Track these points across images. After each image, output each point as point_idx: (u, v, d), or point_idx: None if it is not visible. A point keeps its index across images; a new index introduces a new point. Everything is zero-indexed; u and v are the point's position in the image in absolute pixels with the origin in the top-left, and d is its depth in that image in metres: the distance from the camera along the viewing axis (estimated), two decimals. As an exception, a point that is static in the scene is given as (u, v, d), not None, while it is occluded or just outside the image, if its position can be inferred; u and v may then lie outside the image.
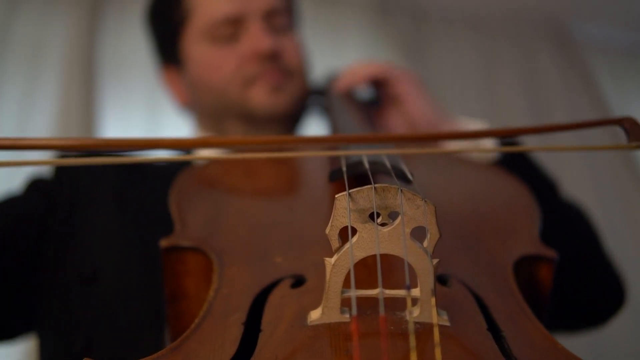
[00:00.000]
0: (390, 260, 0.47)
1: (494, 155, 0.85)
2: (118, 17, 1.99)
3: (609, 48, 2.63)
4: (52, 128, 1.79)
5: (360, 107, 0.94)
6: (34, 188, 0.87)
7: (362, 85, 0.95)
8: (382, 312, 0.39)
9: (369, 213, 0.43)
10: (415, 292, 0.44)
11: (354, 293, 0.41)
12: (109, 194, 0.85)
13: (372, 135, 0.56)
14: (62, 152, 0.87)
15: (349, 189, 0.43)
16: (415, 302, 0.44)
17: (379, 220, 0.44)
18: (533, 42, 2.49)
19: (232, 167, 0.73)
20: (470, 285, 0.52)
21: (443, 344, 0.40)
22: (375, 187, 0.43)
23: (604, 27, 2.59)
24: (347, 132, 0.79)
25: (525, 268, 0.59)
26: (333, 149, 0.64)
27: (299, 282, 0.51)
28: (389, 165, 0.57)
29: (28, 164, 0.46)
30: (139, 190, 0.85)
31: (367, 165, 0.56)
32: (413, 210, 0.43)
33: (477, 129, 0.63)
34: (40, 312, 0.81)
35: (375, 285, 0.42)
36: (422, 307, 0.44)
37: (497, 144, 0.86)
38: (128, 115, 1.96)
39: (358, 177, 0.56)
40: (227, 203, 0.67)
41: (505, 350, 0.44)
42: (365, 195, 0.43)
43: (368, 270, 0.46)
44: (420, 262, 0.43)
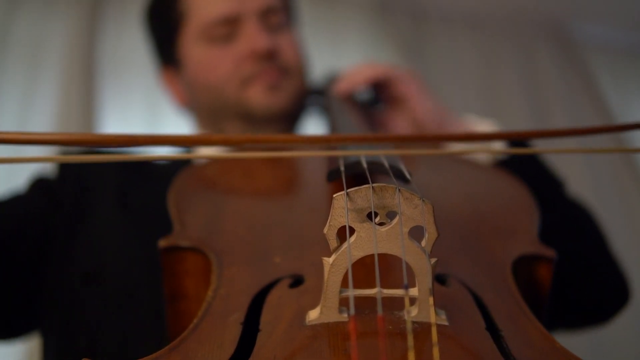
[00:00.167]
0: (389, 260, 0.47)
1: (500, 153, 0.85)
2: (118, 17, 2.00)
3: (609, 48, 2.63)
4: (52, 128, 1.80)
5: (360, 108, 0.94)
6: (38, 187, 0.87)
7: (362, 88, 0.95)
8: (380, 311, 0.39)
9: (367, 213, 0.43)
10: (414, 291, 0.44)
11: (352, 293, 0.41)
12: (112, 193, 0.85)
13: (371, 136, 0.56)
14: (64, 148, 0.87)
15: (347, 189, 0.43)
16: (414, 301, 0.44)
17: (377, 220, 0.43)
18: (533, 42, 2.49)
19: (231, 167, 0.73)
20: (469, 285, 0.52)
21: (441, 344, 0.40)
22: (373, 186, 0.43)
23: (604, 27, 2.59)
24: (346, 132, 0.79)
25: (525, 268, 0.59)
26: (332, 149, 0.64)
27: (298, 282, 0.51)
28: (387, 165, 0.57)
29: (30, 161, 0.46)
30: (142, 190, 0.85)
31: (365, 165, 0.56)
32: (411, 210, 0.43)
33: (484, 131, 0.62)
34: (44, 310, 0.81)
35: (374, 285, 0.42)
36: (420, 306, 0.44)
37: (503, 145, 0.85)
38: (128, 115, 1.96)
39: (356, 176, 0.56)
40: (225, 203, 0.67)
41: (504, 350, 0.44)
42: (363, 195, 0.43)
43: (366, 270, 0.46)
44: (418, 261, 0.43)
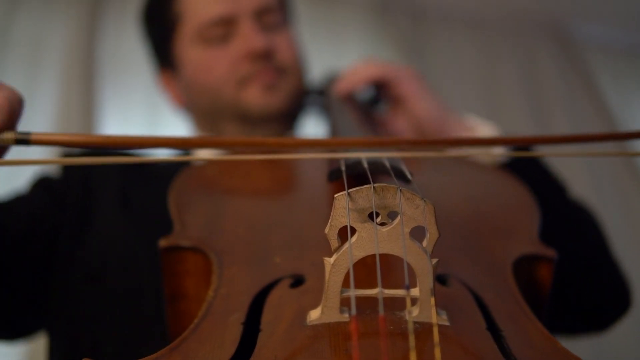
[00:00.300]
0: (390, 260, 0.47)
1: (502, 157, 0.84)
2: (118, 17, 1.99)
3: (609, 48, 2.63)
4: (52, 128, 1.79)
5: (361, 108, 0.94)
6: (41, 186, 0.87)
7: (362, 87, 0.95)
8: (381, 311, 0.39)
9: (368, 213, 0.43)
10: (415, 291, 0.44)
11: (353, 293, 0.41)
12: (114, 193, 0.85)
13: (373, 140, 0.56)
14: (66, 150, 0.87)
15: (348, 189, 0.43)
16: (415, 301, 0.44)
17: (378, 220, 0.43)
18: (533, 42, 2.49)
19: (231, 167, 0.73)
20: (470, 285, 0.52)
21: (442, 344, 0.40)
22: (375, 186, 0.43)
23: (604, 27, 2.59)
24: (346, 132, 0.79)
25: (525, 268, 0.59)
26: (332, 152, 0.64)
27: (298, 282, 0.51)
28: (388, 165, 0.57)
29: (32, 163, 0.46)
30: (144, 190, 0.85)
31: (366, 165, 0.56)
32: (412, 210, 0.43)
33: (487, 137, 0.62)
34: (50, 310, 0.81)
35: (375, 285, 0.42)
36: (421, 306, 0.44)
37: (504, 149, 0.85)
38: (128, 115, 1.96)
39: (357, 176, 0.56)
40: (226, 203, 0.67)
41: (505, 350, 0.44)
42: (365, 195, 0.43)
43: (367, 270, 0.46)
44: (420, 261, 0.43)
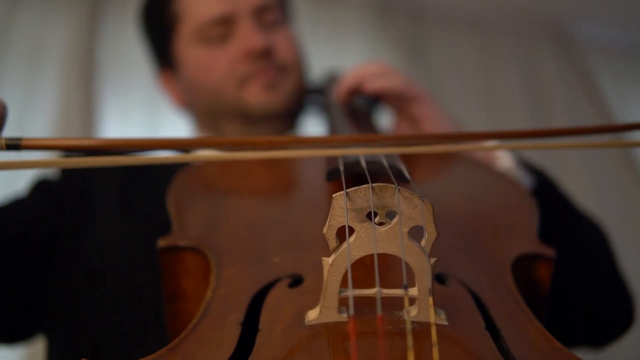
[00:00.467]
0: (388, 260, 0.47)
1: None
2: (118, 17, 1.99)
3: (609, 48, 2.63)
4: (51, 128, 1.79)
5: (359, 116, 0.92)
6: (40, 189, 0.87)
7: (365, 95, 0.92)
8: (379, 311, 0.39)
9: (367, 212, 0.43)
10: (413, 291, 0.44)
11: (352, 293, 0.41)
12: (114, 194, 0.85)
13: (370, 136, 0.56)
14: (65, 152, 0.87)
15: (347, 189, 0.43)
16: (413, 301, 0.44)
17: (377, 220, 0.43)
18: (533, 42, 2.49)
19: (229, 167, 0.73)
20: (469, 285, 0.52)
21: (441, 344, 0.40)
22: (373, 186, 0.43)
23: (604, 27, 2.59)
24: (345, 131, 0.79)
25: (524, 267, 0.59)
26: (331, 148, 0.64)
27: (297, 281, 0.51)
28: (387, 165, 0.57)
29: (30, 166, 0.46)
30: (144, 190, 0.85)
31: (364, 165, 0.56)
32: (410, 210, 0.43)
33: (476, 131, 0.61)
34: (50, 313, 0.80)
35: (373, 285, 0.42)
36: (419, 306, 0.44)
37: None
38: (128, 115, 1.96)
39: (355, 176, 0.56)
40: (225, 203, 0.67)
41: (504, 350, 0.44)
42: (363, 195, 0.43)
43: (366, 270, 0.46)
44: (418, 261, 0.43)
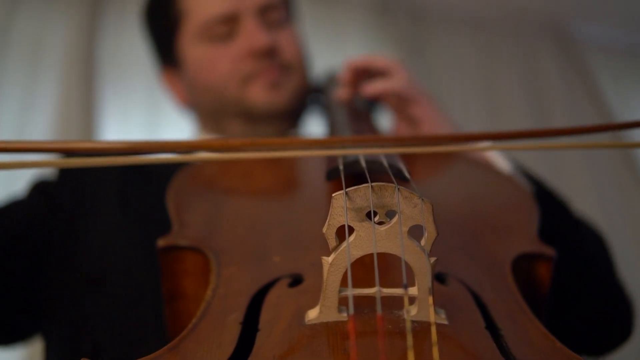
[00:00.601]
0: (388, 259, 0.47)
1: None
2: (118, 17, 1.99)
3: (609, 48, 2.63)
4: (51, 128, 1.79)
5: (358, 109, 0.93)
6: (38, 191, 0.87)
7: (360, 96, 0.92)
8: (379, 311, 0.39)
9: (366, 212, 0.43)
10: (413, 290, 0.44)
11: (352, 292, 0.41)
12: (113, 196, 0.84)
13: (370, 137, 0.56)
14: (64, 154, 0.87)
15: (346, 188, 0.43)
16: (413, 300, 0.44)
17: (376, 219, 0.43)
18: (533, 41, 2.49)
19: (230, 166, 0.73)
20: (469, 284, 0.52)
21: (441, 343, 0.40)
22: (373, 185, 0.43)
23: (604, 27, 2.59)
24: (345, 131, 0.79)
25: (524, 266, 0.58)
26: (331, 148, 0.64)
27: (297, 281, 0.51)
28: (386, 164, 0.57)
29: (30, 166, 0.46)
30: (143, 191, 0.85)
31: (364, 164, 0.56)
32: (410, 209, 0.43)
33: (475, 132, 0.61)
34: (48, 314, 0.80)
35: (373, 284, 0.42)
36: (419, 305, 0.44)
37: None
38: (128, 115, 1.96)
39: (355, 175, 0.56)
40: (224, 202, 0.67)
41: (504, 349, 0.44)
42: (363, 194, 0.43)
43: (365, 269, 0.46)
44: (418, 260, 0.43)
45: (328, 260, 0.43)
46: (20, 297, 0.80)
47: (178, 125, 1.54)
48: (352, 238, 0.43)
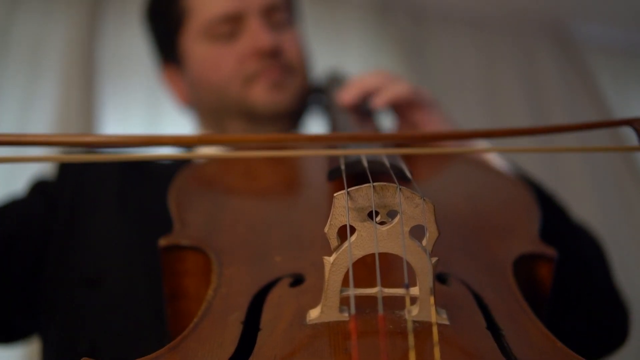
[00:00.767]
0: (389, 259, 0.47)
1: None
2: (118, 17, 1.99)
3: (609, 48, 2.63)
4: (52, 127, 1.79)
5: (360, 112, 0.92)
6: (37, 190, 0.87)
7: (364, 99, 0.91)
8: (381, 310, 0.39)
9: (368, 212, 0.43)
10: (414, 290, 0.44)
11: (353, 292, 0.41)
12: (112, 195, 0.84)
13: (372, 135, 0.56)
14: (64, 148, 0.87)
15: (348, 188, 0.43)
16: (414, 300, 0.44)
17: (378, 219, 0.43)
18: (533, 42, 2.49)
19: (231, 165, 0.73)
20: (470, 284, 0.52)
21: (442, 343, 0.40)
22: (374, 185, 0.43)
23: (604, 27, 2.59)
24: (347, 131, 0.79)
25: (525, 267, 0.58)
26: (332, 148, 0.64)
27: (298, 281, 0.51)
28: (388, 164, 0.57)
29: (29, 160, 0.46)
30: (142, 191, 0.85)
31: (365, 164, 0.56)
32: (412, 209, 0.43)
33: (474, 129, 0.61)
34: (45, 314, 0.80)
35: (374, 284, 0.42)
36: (421, 305, 0.44)
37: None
38: (128, 115, 1.96)
39: (357, 175, 0.56)
40: (226, 202, 0.67)
41: (505, 349, 0.44)
42: (364, 194, 0.43)
43: (367, 269, 0.46)
44: (419, 260, 0.43)
45: (329, 260, 0.43)
46: (19, 296, 0.80)
47: (178, 125, 1.54)
48: (353, 238, 0.43)
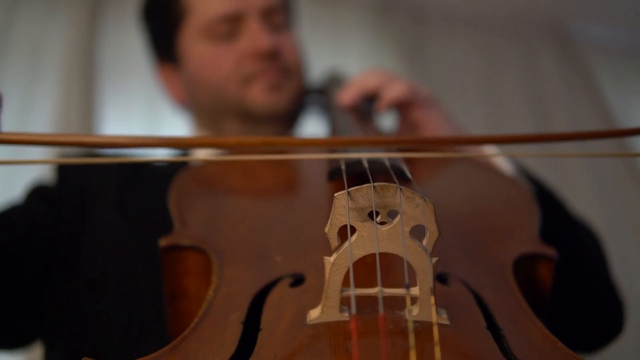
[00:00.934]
0: (390, 259, 0.47)
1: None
2: (118, 17, 1.99)
3: (609, 48, 2.63)
4: (52, 128, 1.79)
5: (360, 112, 0.92)
6: (37, 195, 0.86)
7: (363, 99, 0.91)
8: (381, 310, 0.39)
9: (368, 212, 0.43)
10: (415, 290, 0.44)
11: (353, 292, 0.41)
12: (112, 198, 0.84)
13: (373, 139, 0.56)
14: (63, 150, 0.87)
15: (348, 188, 0.43)
16: (415, 300, 0.44)
17: (378, 219, 0.43)
18: (533, 42, 2.49)
19: (231, 166, 0.73)
20: (470, 284, 0.52)
21: (442, 343, 0.40)
22: (375, 185, 0.43)
23: (604, 27, 2.59)
24: (346, 132, 0.79)
25: (525, 267, 0.59)
26: (332, 152, 0.64)
27: (298, 281, 0.51)
28: (388, 164, 0.57)
29: (28, 163, 0.46)
30: (142, 193, 0.85)
31: (366, 164, 0.56)
32: (412, 209, 0.43)
33: (479, 135, 0.61)
34: (49, 318, 0.80)
35: (375, 284, 0.42)
36: (421, 305, 0.44)
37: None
38: (128, 115, 1.96)
39: (357, 175, 0.56)
40: (226, 202, 0.67)
41: (505, 349, 0.44)
42: (365, 194, 0.43)
43: (367, 269, 0.46)
44: (420, 260, 0.43)
45: (330, 260, 0.43)
46: (22, 301, 0.80)
47: (178, 126, 1.53)
48: (354, 238, 0.43)
